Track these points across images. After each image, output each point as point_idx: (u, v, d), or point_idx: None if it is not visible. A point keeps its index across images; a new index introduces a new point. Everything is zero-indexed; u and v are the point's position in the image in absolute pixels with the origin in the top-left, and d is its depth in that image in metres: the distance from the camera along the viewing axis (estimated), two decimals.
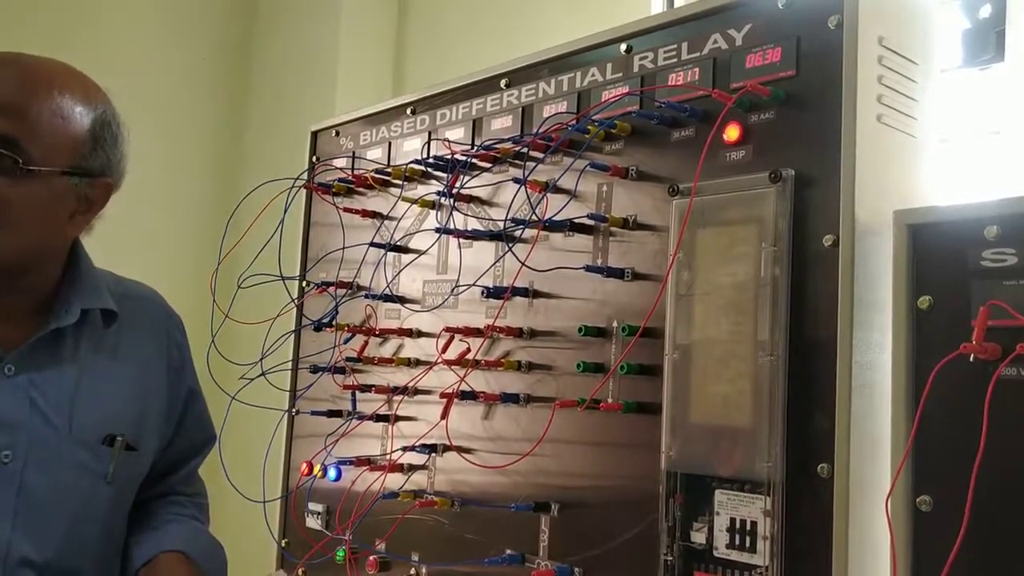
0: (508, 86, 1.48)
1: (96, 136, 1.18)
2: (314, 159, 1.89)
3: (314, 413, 1.69)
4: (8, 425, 1.16)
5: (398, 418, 1.58)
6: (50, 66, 1.17)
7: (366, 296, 1.65)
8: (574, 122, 1.32)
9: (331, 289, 1.72)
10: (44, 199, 1.14)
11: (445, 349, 1.45)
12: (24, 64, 1.15)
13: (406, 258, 1.62)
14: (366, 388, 1.60)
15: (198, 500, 1.51)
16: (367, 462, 1.57)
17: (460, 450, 1.44)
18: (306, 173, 1.83)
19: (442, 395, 1.42)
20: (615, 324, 1.26)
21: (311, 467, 1.67)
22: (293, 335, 1.81)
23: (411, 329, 1.58)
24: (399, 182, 1.63)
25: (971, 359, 0.88)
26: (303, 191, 1.84)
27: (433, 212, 1.57)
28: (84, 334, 1.24)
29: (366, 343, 1.64)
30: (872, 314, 1.04)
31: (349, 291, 1.70)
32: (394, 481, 1.53)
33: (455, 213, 1.49)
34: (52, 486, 1.18)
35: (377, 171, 1.68)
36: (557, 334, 1.34)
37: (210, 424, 1.53)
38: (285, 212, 1.61)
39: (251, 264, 1.55)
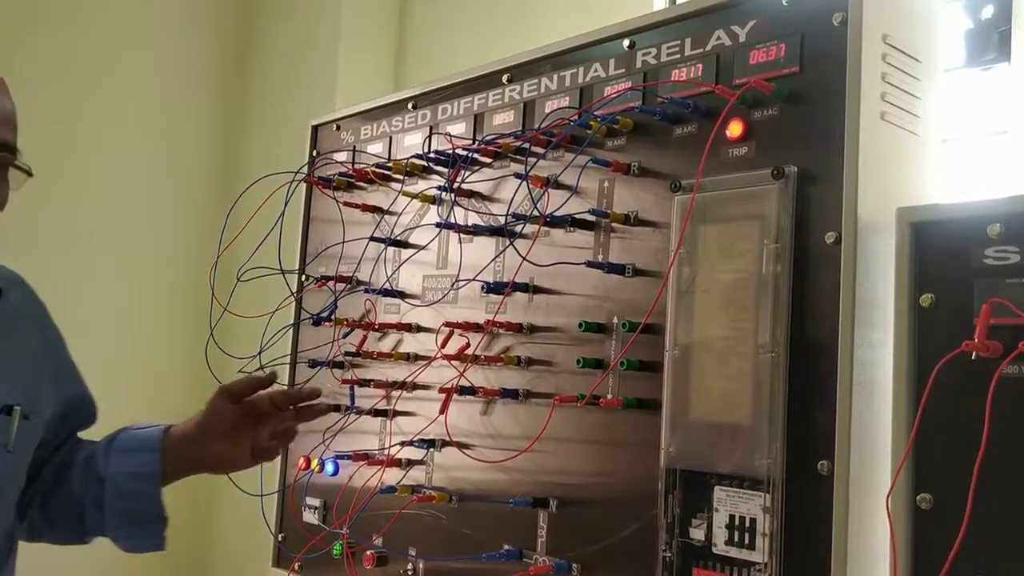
0: (510, 81, 1.48)
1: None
2: (314, 153, 1.89)
3: None
4: None
5: (396, 413, 1.58)
6: None
7: (365, 291, 1.65)
8: (576, 118, 1.31)
9: (330, 283, 1.72)
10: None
11: (444, 344, 1.44)
12: None
13: (406, 253, 1.61)
14: (365, 383, 1.60)
15: None
16: (365, 457, 1.56)
17: (459, 445, 1.44)
18: (306, 167, 1.83)
19: (441, 390, 1.42)
20: (615, 320, 1.25)
21: (309, 461, 1.67)
22: (292, 329, 1.81)
23: (410, 324, 1.58)
24: (400, 177, 1.62)
25: (973, 357, 0.88)
26: (303, 185, 1.83)
27: (434, 207, 1.56)
28: None
29: (365, 338, 1.64)
30: (873, 312, 1.03)
31: (348, 285, 1.70)
32: (392, 476, 1.53)
33: (456, 208, 1.49)
34: None
35: (378, 166, 1.67)
36: (557, 330, 1.34)
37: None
38: (285, 206, 1.61)
39: (250, 257, 1.55)
